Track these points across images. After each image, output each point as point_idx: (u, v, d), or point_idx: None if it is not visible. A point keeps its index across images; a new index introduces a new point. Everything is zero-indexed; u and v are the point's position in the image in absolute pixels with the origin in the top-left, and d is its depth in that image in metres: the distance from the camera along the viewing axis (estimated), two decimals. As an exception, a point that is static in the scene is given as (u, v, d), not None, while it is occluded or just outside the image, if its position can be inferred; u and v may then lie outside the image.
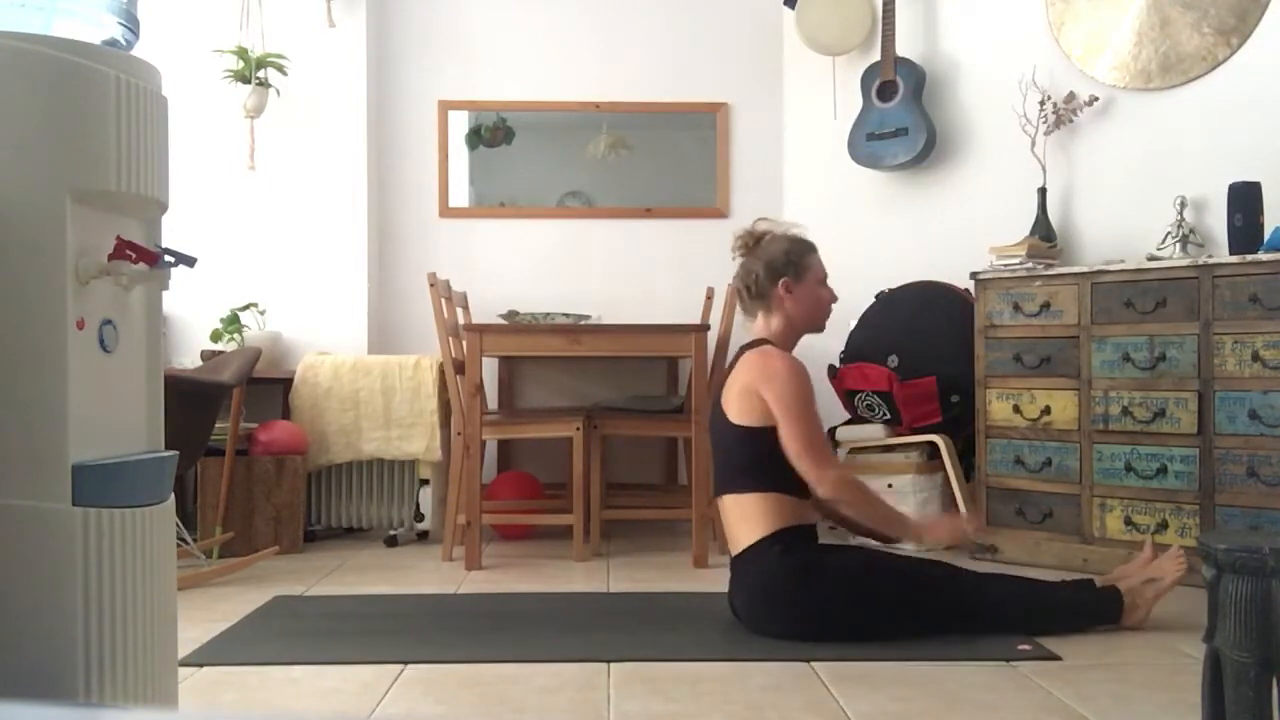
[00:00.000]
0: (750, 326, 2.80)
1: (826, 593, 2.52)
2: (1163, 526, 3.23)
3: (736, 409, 2.63)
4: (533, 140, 4.67)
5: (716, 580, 3.28)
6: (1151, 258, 3.44)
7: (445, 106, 4.63)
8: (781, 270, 2.73)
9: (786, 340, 2.76)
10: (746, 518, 2.60)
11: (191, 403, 3.21)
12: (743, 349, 2.75)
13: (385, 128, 4.62)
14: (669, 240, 4.66)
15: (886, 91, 4.26)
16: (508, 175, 4.68)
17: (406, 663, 2.37)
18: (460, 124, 4.66)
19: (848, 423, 4.05)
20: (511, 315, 4.25)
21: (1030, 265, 3.60)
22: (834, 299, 2.81)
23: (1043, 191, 3.91)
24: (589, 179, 4.68)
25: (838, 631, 2.49)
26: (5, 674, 1.26)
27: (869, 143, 4.29)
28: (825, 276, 2.83)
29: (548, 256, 4.63)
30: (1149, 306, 3.26)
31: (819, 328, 2.82)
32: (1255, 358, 3.04)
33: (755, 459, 2.61)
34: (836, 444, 4.03)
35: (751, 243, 2.79)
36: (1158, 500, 3.24)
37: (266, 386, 4.19)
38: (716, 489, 2.73)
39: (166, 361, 3.87)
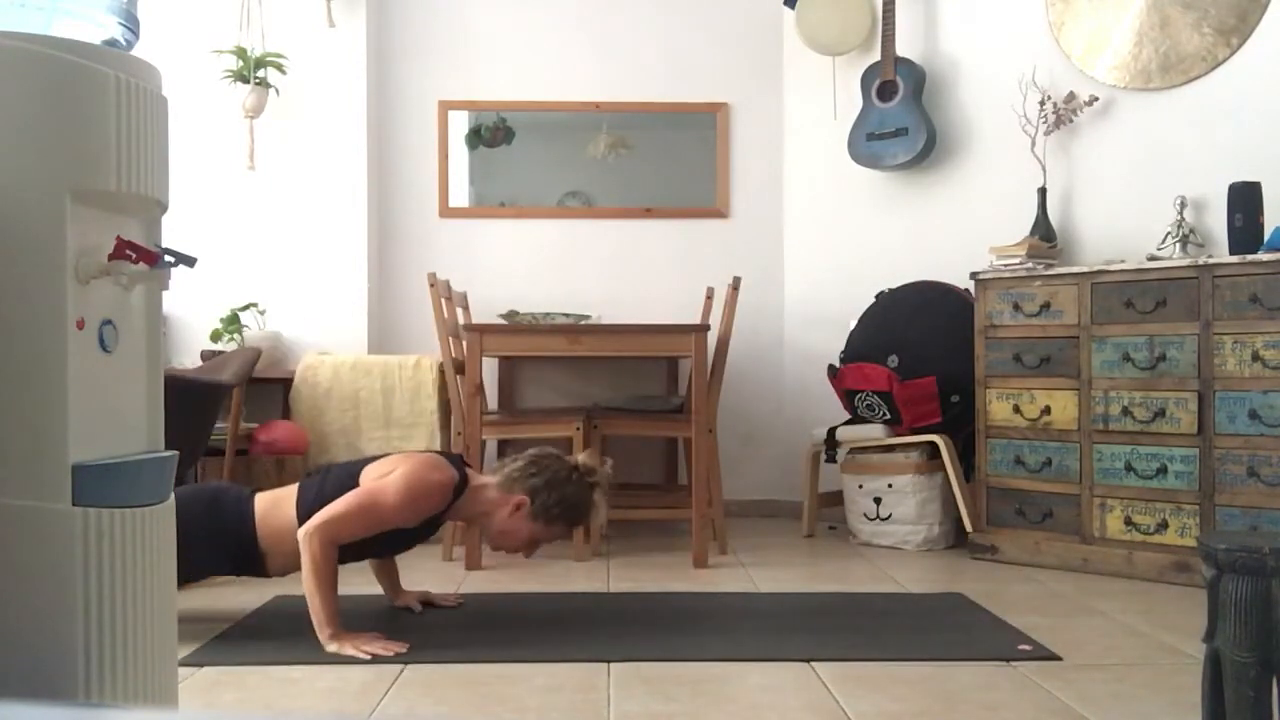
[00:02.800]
0: (490, 481, 2.70)
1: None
2: (1163, 526, 3.23)
3: (367, 477, 2.59)
4: (533, 140, 4.67)
5: (716, 580, 3.28)
6: (1151, 258, 3.44)
7: (445, 106, 4.63)
8: (538, 499, 2.63)
9: (471, 504, 2.67)
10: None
11: (191, 403, 3.21)
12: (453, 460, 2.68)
13: (385, 128, 4.62)
14: (669, 240, 4.66)
15: (886, 91, 4.26)
16: (508, 175, 4.68)
17: (406, 663, 2.37)
18: (460, 124, 4.66)
19: (848, 423, 4.06)
20: (511, 315, 4.25)
21: (1030, 265, 3.60)
22: (523, 549, 2.73)
23: (1043, 191, 3.91)
24: (589, 179, 4.68)
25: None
26: (5, 674, 1.26)
27: (869, 143, 4.29)
28: (543, 541, 2.72)
29: (548, 256, 4.63)
30: (1149, 306, 3.26)
31: (495, 545, 2.74)
32: (1255, 358, 3.04)
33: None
34: (837, 443, 4.03)
35: (555, 464, 2.69)
36: (1158, 500, 3.24)
37: (266, 386, 4.19)
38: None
39: (166, 361, 3.87)
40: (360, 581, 3.25)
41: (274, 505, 2.60)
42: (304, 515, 2.54)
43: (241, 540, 2.58)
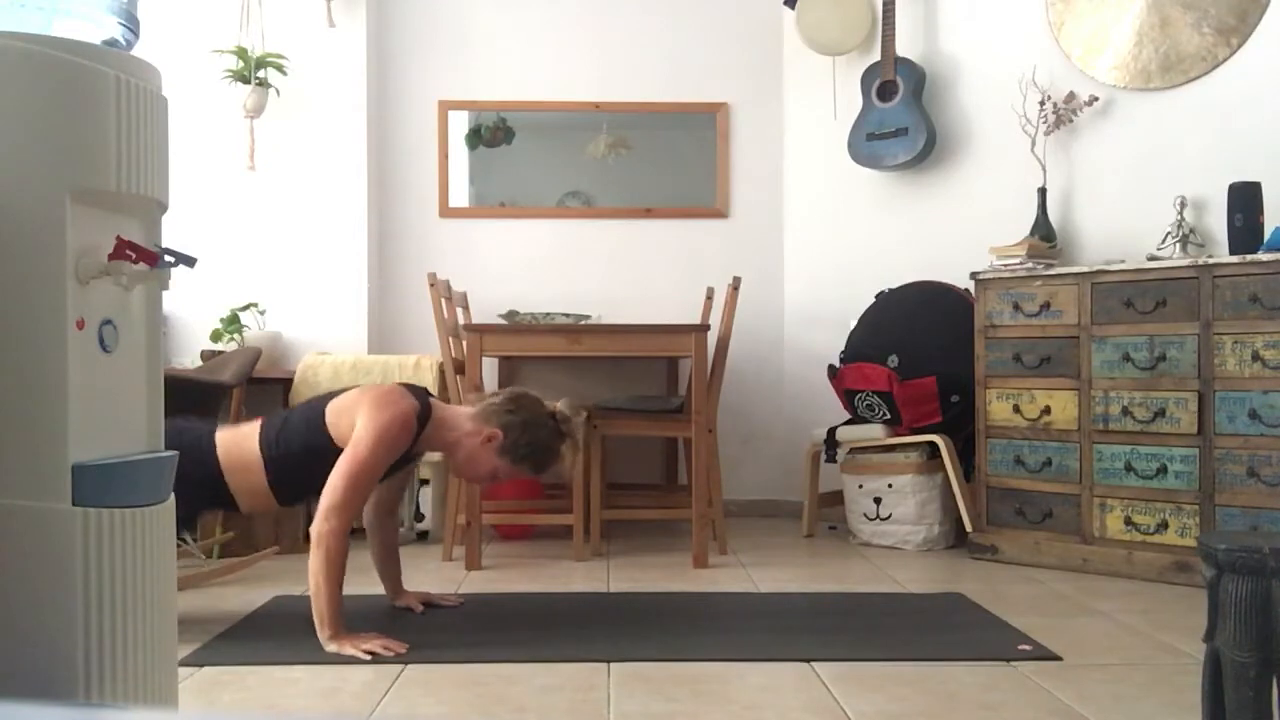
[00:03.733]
0: (467, 400, 2.69)
1: None
2: (1163, 526, 3.23)
3: (332, 415, 2.58)
4: (533, 140, 4.67)
5: (716, 580, 3.28)
6: (1151, 258, 3.44)
7: (445, 106, 4.63)
8: (510, 435, 2.64)
9: (440, 433, 2.66)
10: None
11: (191, 403, 3.21)
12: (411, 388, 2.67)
13: (385, 128, 4.62)
14: (669, 240, 4.66)
15: (886, 91, 4.26)
16: (508, 175, 4.68)
17: (406, 663, 2.37)
18: (460, 124, 4.67)
19: (848, 423, 4.06)
20: (511, 315, 4.26)
21: (1030, 265, 3.60)
22: (490, 483, 2.75)
23: (1043, 191, 3.91)
24: (589, 179, 4.69)
25: None
26: (5, 674, 1.26)
27: (869, 143, 4.29)
28: (503, 478, 2.74)
29: (548, 256, 4.63)
30: (1149, 306, 3.26)
31: (459, 473, 2.76)
32: (1255, 358, 3.04)
33: (320, 462, 2.55)
34: (837, 443, 4.03)
35: (534, 406, 2.70)
36: (1158, 500, 3.24)
37: (266, 386, 4.18)
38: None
39: (166, 361, 3.87)
40: (362, 581, 3.25)
41: (237, 441, 2.59)
42: (266, 452, 2.55)
43: (207, 476, 2.55)
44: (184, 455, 2.55)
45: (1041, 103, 3.93)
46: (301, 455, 2.57)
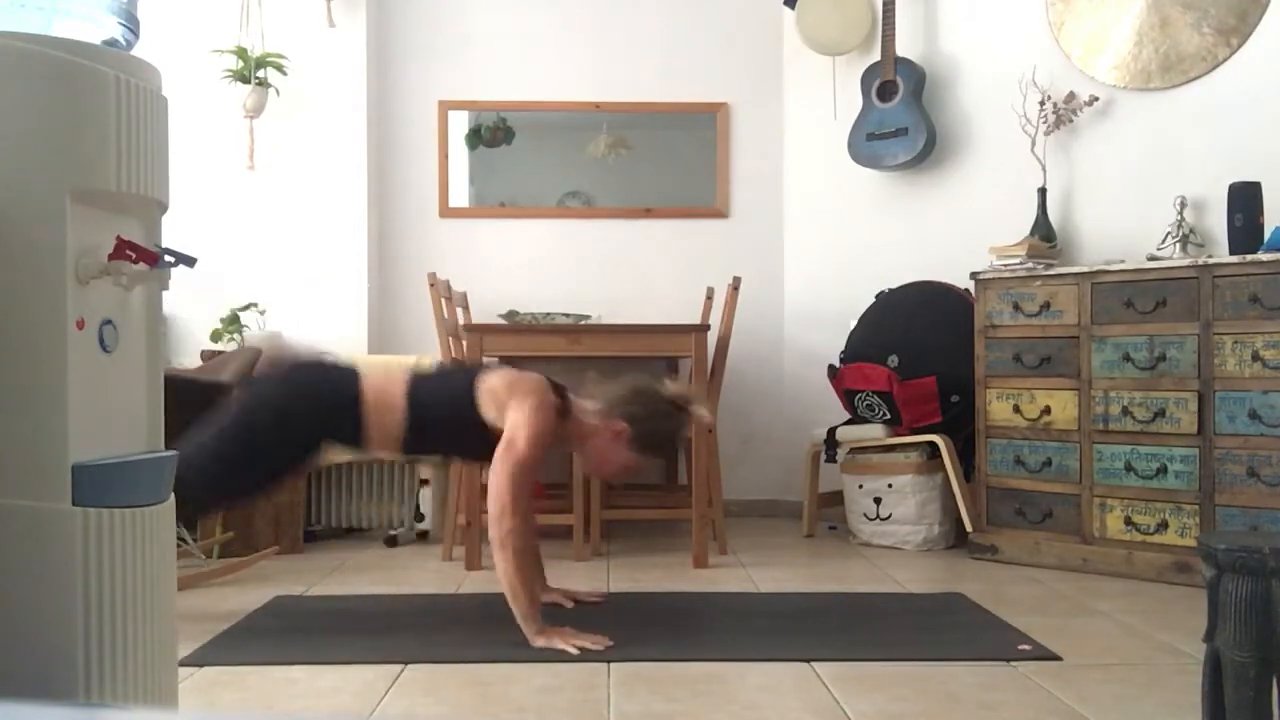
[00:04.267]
0: (586, 391, 2.75)
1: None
2: (1163, 526, 3.23)
3: (483, 392, 2.63)
4: (533, 140, 4.67)
5: (716, 580, 3.28)
6: (1151, 258, 3.44)
7: (445, 106, 4.63)
8: (637, 427, 2.67)
9: (572, 431, 2.70)
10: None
11: (191, 403, 3.21)
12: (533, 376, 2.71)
13: (385, 128, 4.62)
14: (669, 240, 4.66)
15: (886, 91, 4.26)
16: (508, 175, 4.68)
17: (406, 663, 2.37)
18: (460, 124, 4.67)
19: (848, 423, 4.06)
20: (511, 315, 4.25)
21: (1030, 265, 3.60)
22: (618, 475, 2.79)
23: (1043, 191, 3.91)
24: (589, 179, 4.69)
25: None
26: (5, 674, 1.26)
27: (869, 143, 4.29)
28: (636, 466, 2.78)
29: (548, 256, 4.63)
30: (1149, 306, 3.26)
31: (591, 471, 2.83)
32: (1255, 358, 3.04)
33: (459, 430, 2.64)
34: (837, 443, 4.03)
35: (654, 394, 2.74)
36: (1158, 500, 3.24)
37: (266, 386, 4.18)
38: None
39: (166, 361, 3.87)
40: (360, 582, 3.26)
41: (383, 384, 2.64)
42: (412, 400, 2.62)
43: (341, 405, 2.61)
44: (326, 379, 2.63)
45: (1041, 103, 3.93)
46: (445, 417, 2.64)
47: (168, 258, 1.44)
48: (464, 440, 2.67)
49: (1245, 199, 3.29)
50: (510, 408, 2.59)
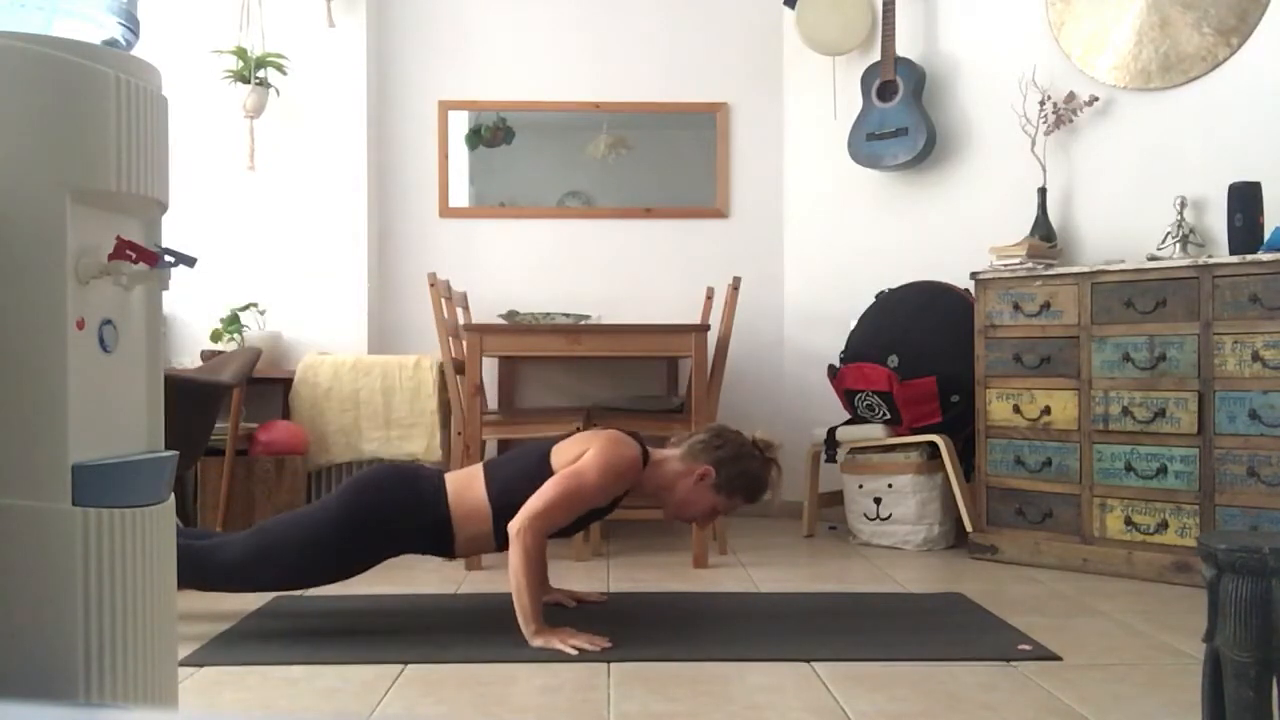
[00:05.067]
0: (669, 446, 2.77)
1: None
2: (1163, 526, 3.23)
3: (557, 457, 2.66)
4: (533, 140, 4.67)
5: (716, 580, 3.28)
6: (1151, 258, 3.44)
7: (445, 106, 4.63)
8: (722, 470, 2.69)
9: (653, 478, 2.71)
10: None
11: (191, 403, 3.21)
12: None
13: (385, 128, 4.62)
14: (669, 240, 4.67)
15: (886, 91, 4.26)
16: (508, 175, 4.68)
17: (406, 663, 2.37)
18: (460, 124, 4.67)
19: (848, 423, 4.06)
20: (511, 315, 4.25)
21: (1030, 265, 3.60)
22: (706, 524, 2.83)
23: (1043, 191, 3.91)
24: (589, 179, 4.69)
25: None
26: (5, 674, 1.26)
27: (869, 143, 4.29)
28: (722, 513, 2.80)
29: (548, 256, 4.63)
30: (1149, 306, 3.26)
31: (676, 516, 2.80)
32: (1255, 358, 3.04)
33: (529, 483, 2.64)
34: (837, 443, 4.03)
35: (737, 438, 2.76)
36: (1158, 500, 3.24)
37: (266, 386, 4.19)
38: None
39: (166, 361, 3.87)
40: (360, 582, 3.26)
41: (465, 487, 2.67)
42: (494, 497, 2.63)
43: (438, 520, 2.64)
44: (423, 496, 2.63)
45: (1041, 103, 3.93)
46: (527, 499, 2.61)
47: (168, 258, 1.44)
48: None
49: (1245, 199, 3.29)
50: (590, 449, 2.61)
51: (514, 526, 2.53)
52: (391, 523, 2.61)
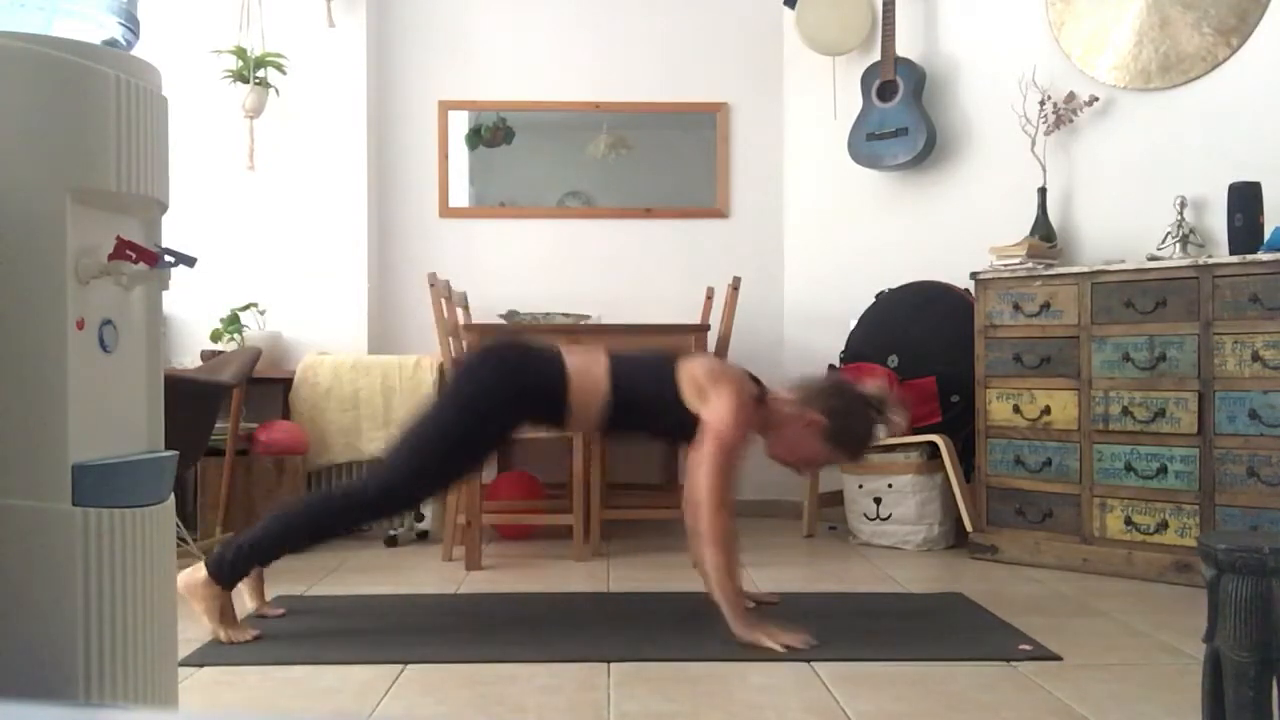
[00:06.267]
0: (786, 395, 2.76)
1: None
2: (1163, 526, 3.23)
3: (684, 378, 2.67)
4: (533, 140, 4.67)
5: (716, 580, 3.28)
6: (1151, 258, 3.44)
7: (445, 106, 4.63)
8: (832, 419, 2.68)
9: (764, 415, 2.72)
10: None
11: (191, 403, 3.21)
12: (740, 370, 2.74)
13: (385, 128, 4.62)
14: (669, 240, 4.67)
15: (886, 91, 4.26)
16: (508, 175, 4.68)
17: (406, 663, 2.37)
18: (460, 124, 4.67)
19: (848, 423, 4.05)
20: (511, 315, 4.25)
21: (1030, 265, 3.60)
22: (807, 472, 2.80)
23: (1043, 191, 3.91)
24: (589, 179, 4.69)
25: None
26: (5, 674, 1.26)
27: (869, 143, 4.29)
28: (823, 463, 2.83)
29: (548, 256, 4.63)
30: (1149, 306, 3.26)
31: (779, 458, 2.81)
32: (1255, 358, 3.04)
33: (660, 412, 2.69)
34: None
35: (853, 392, 2.77)
36: (1158, 500, 3.24)
37: (266, 386, 4.19)
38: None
39: (166, 361, 3.87)
40: (360, 582, 3.26)
41: (586, 369, 2.68)
42: (615, 383, 2.66)
43: (552, 393, 2.66)
44: (539, 363, 2.67)
45: (1041, 103, 3.93)
46: (648, 397, 2.68)
47: (168, 258, 1.44)
48: (664, 420, 2.70)
49: (1245, 199, 3.29)
50: (711, 396, 2.61)
51: (708, 527, 2.51)
52: (519, 390, 2.64)
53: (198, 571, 2.56)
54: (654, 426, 2.78)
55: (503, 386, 2.65)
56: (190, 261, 1.46)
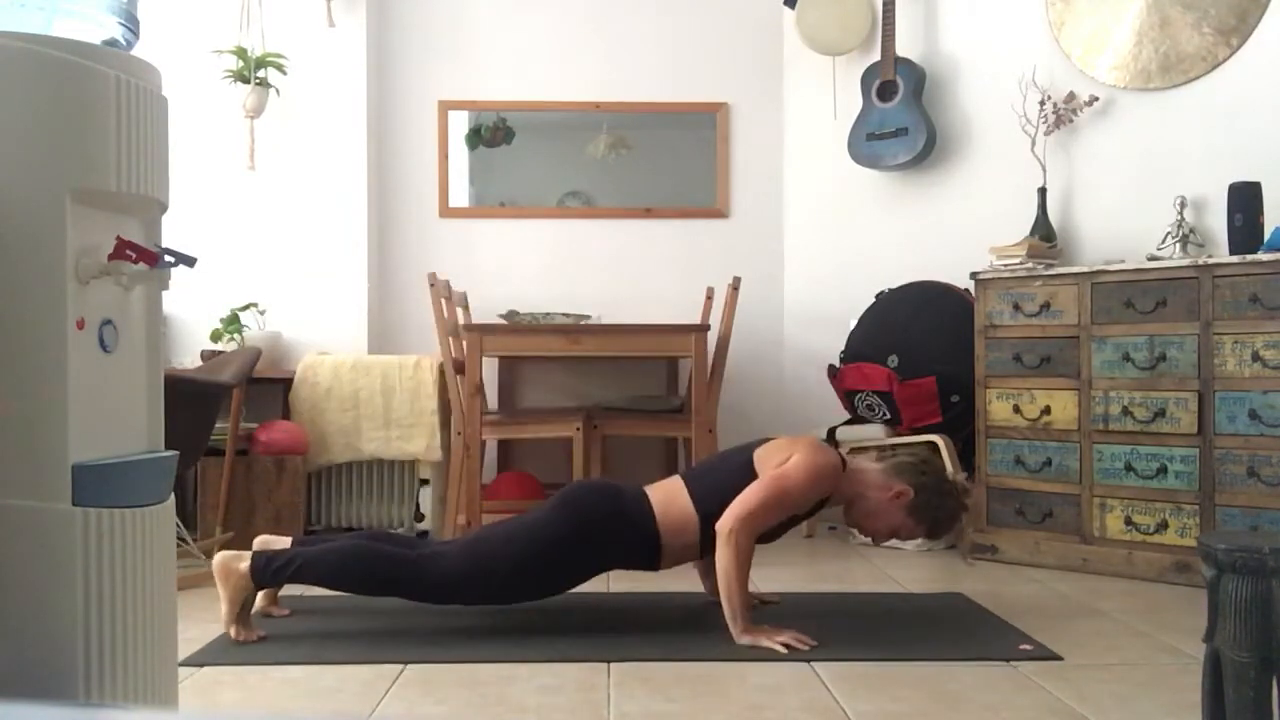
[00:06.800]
0: (871, 466, 2.78)
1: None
2: (1163, 526, 3.23)
3: (760, 461, 2.67)
4: (533, 140, 4.67)
5: (716, 580, 3.28)
6: (1151, 258, 3.44)
7: (445, 106, 4.63)
8: (919, 493, 2.69)
9: (850, 484, 2.73)
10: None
11: (191, 403, 3.21)
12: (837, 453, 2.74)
13: (385, 128, 4.62)
14: (669, 240, 4.66)
15: (886, 91, 4.26)
16: (508, 175, 4.68)
17: (406, 663, 2.37)
18: (460, 124, 4.66)
19: (848, 423, 4.05)
20: (511, 315, 4.25)
21: (1030, 265, 3.59)
22: (885, 535, 2.82)
23: (1043, 191, 3.91)
24: (589, 179, 4.68)
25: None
26: (5, 674, 1.26)
27: (869, 143, 4.29)
28: (902, 536, 2.82)
29: (548, 256, 4.63)
30: (1149, 306, 3.26)
31: (860, 526, 2.82)
32: (1255, 358, 3.04)
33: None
34: (836, 444, 4.02)
35: (940, 470, 2.80)
36: (1158, 500, 3.24)
37: (266, 386, 4.18)
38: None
39: (166, 361, 3.87)
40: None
41: (669, 500, 2.68)
42: (701, 509, 2.63)
43: (645, 534, 2.64)
44: (628, 510, 2.64)
45: (1041, 103, 3.93)
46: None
47: (168, 258, 1.44)
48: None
49: (1245, 199, 3.29)
50: (794, 455, 2.62)
51: (723, 526, 2.53)
52: (606, 537, 2.62)
53: (240, 560, 2.54)
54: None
55: (604, 526, 2.62)
56: (190, 261, 1.46)
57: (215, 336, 4.16)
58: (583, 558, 2.62)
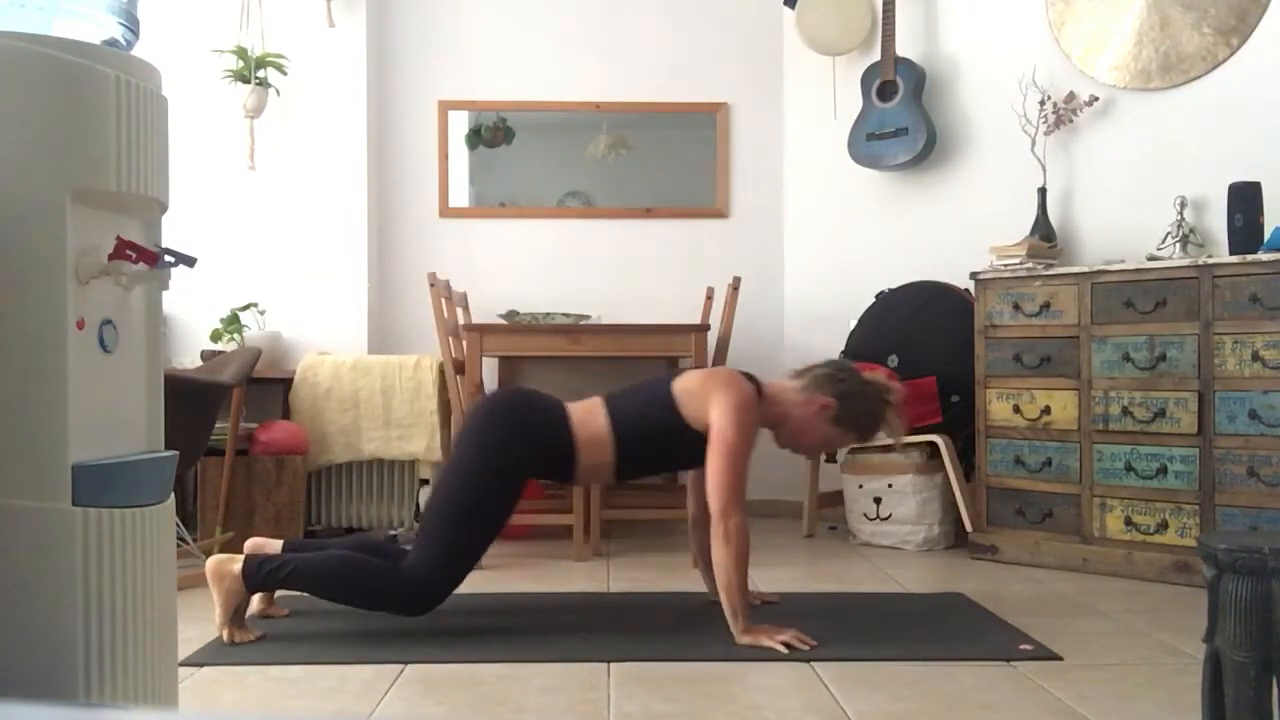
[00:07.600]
0: (790, 384, 2.77)
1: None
2: (1163, 526, 3.23)
3: (680, 395, 2.66)
4: (533, 140, 4.67)
5: (716, 580, 3.28)
6: (1151, 258, 3.44)
7: (445, 106, 4.63)
8: (842, 401, 2.70)
9: (771, 407, 2.73)
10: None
11: (191, 403, 3.21)
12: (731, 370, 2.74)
13: (385, 128, 4.62)
14: (669, 240, 4.66)
15: (886, 91, 4.26)
16: (508, 175, 4.68)
17: (406, 663, 2.37)
18: (460, 124, 4.66)
19: (848, 423, 4.05)
20: (511, 315, 4.25)
21: (1030, 265, 3.59)
22: (825, 454, 2.81)
23: (1043, 191, 3.91)
24: (589, 179, 4.68)
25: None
26: (5, 674, 1.26)
27: (869, 143, 4.29)
28: (834, 446, 2.84)
29: (548, 256, 4.63)
30: (1149, 306, 3.26)
31: (791, 446, 2.82)
32: (1255, 358, 3.04)
33: (668, 442, 2.66)
34: (836, 444, 4.03)
35: (857, 375, 2.78)
36: (1158, 500, 3.24)
37: (266, 386, 4.19)
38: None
39: (166, 361, 3.87)
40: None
41: (587, 415, 2.68)
42: (617, 429, 2.65)
43: (559, 444, 2.64)
44: (546, 422, 2.65)
45: (1041, 103, 3.93)
46: (653, 434, 2.67)
47: (168, 258, 1.44)
48: (674, 449, 2.69)
49: (1245, 199, 3.29)
50: (711, 402, 2.61)
51: (720, 527, 2.52)
52: (526, 451, 2.62)
53: (232, 563, 2.54)
54: (665, 458, 2.78)
55: (513, 441, 2.62)
56: (190, 261, 1.46)
57: (215, 336, 4.16)
58: (515, 478, 2.61)
